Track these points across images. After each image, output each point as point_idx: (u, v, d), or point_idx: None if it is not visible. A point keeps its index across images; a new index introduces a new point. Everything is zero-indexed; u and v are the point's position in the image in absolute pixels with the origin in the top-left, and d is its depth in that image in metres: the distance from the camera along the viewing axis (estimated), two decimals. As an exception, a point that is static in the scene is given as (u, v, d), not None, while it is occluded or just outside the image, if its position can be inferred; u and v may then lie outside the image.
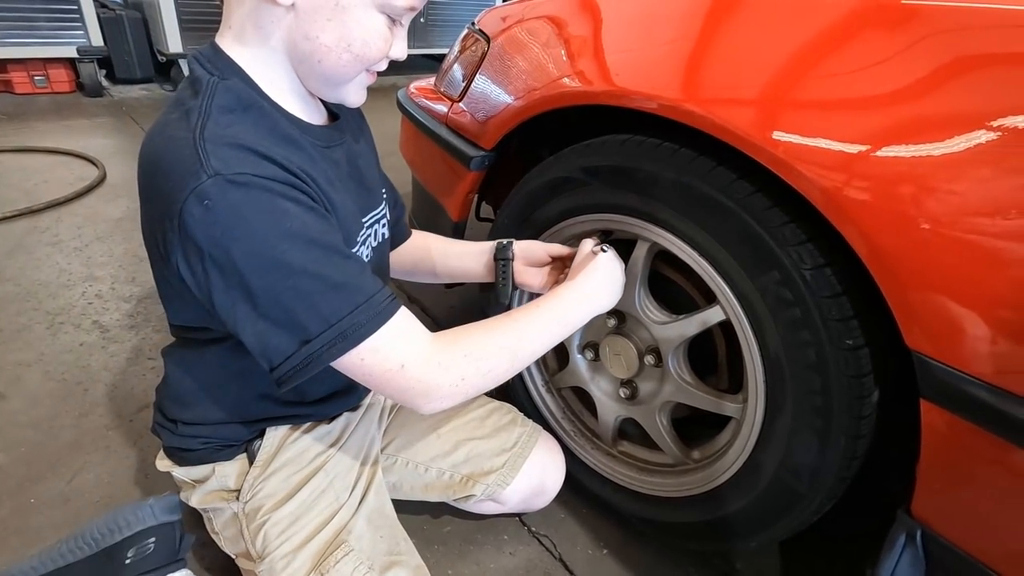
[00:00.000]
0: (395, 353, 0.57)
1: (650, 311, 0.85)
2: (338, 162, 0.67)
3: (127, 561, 0.77)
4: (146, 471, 1.05)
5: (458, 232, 1.11)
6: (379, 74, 0.65)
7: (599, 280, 0.77)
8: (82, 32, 3.09)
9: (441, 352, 0.60)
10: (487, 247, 0.88)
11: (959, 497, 0.58)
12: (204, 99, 0.55)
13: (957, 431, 0.55)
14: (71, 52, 3.09)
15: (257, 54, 0.59)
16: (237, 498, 0.73)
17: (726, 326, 0.78)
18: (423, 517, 1.00)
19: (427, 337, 0.60)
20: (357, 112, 0.78)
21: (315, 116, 0.66)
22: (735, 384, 0.88)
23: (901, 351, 0.58)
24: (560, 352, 1.04)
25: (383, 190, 0.81)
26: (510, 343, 0.66)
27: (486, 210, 1.39)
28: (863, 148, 0.56)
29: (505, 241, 0.86)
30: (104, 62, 3.36)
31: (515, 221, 0.97)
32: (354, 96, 0.64)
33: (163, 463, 0.78)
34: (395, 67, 0.77)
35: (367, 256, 0.72)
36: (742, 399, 0.80)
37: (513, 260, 0.85)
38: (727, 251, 0.71)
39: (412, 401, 0.60)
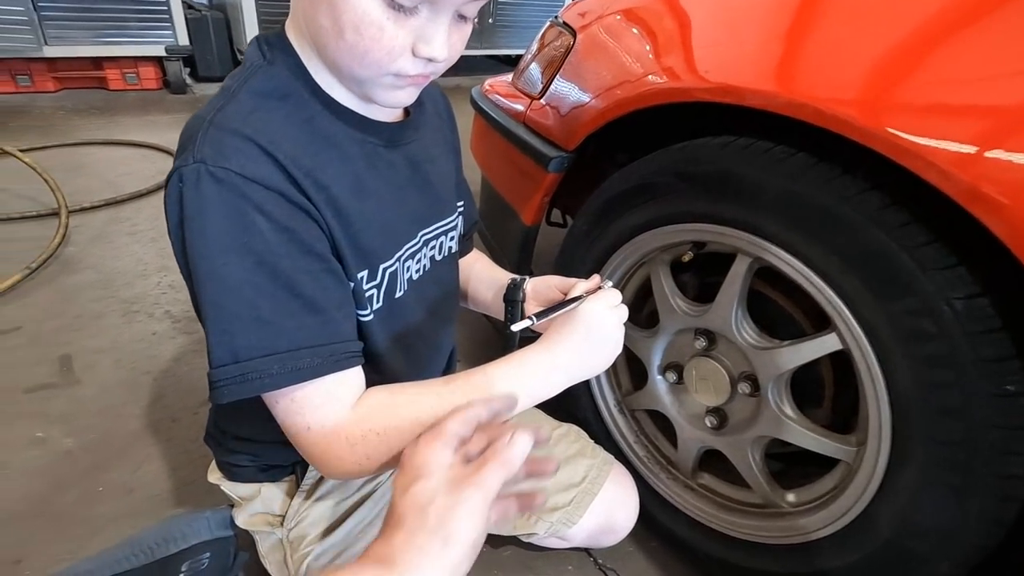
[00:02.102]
0: (305, 413, 0.52)
1: (749, 334, 0.76)
2: (395, 164, 0.60)
3: (180, 574, 0.75)
4: (206, 468, 1.04)
5: (529, 238, 1.06)
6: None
7: (577, 343, 0.59)
8: (170, 32, 3.24)
9: (353, 426, 0.53)
10: (502, 282, 0.79)
11: None
12: (239, 81, 0.52)
13: None
14: (160, 51, 3.25)
15: (300, 39, 0.54)
16: (282, 524, 0.69)
17: (838, 356, 0.69)
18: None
19: (349, 404, 0.53)
20: (444, 111, 0.73)
21: (382, 111, 0.58)
22: (841, 421, 0.78)
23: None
24: (636, 370, 0.96)
25: (459, 202, 0.74)
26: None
27: (556, 215, 1.33)
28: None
29: (518, 279, 0.76)
30: (188, 60, 3.52)
31: (593, 228, 0.90)
32: (385, 97, 0.53)
33: (213, 475, 0.75)
34: (457, 68, 0.63)
35: (418, 271, 0.66)
36: (856, 441, 0.70)
37: (524, 301, 0.72)
38: (851, 272, 0.61)
39: (311, 462, 0.55)
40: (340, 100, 0.55)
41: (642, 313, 0.96)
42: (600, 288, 0.64)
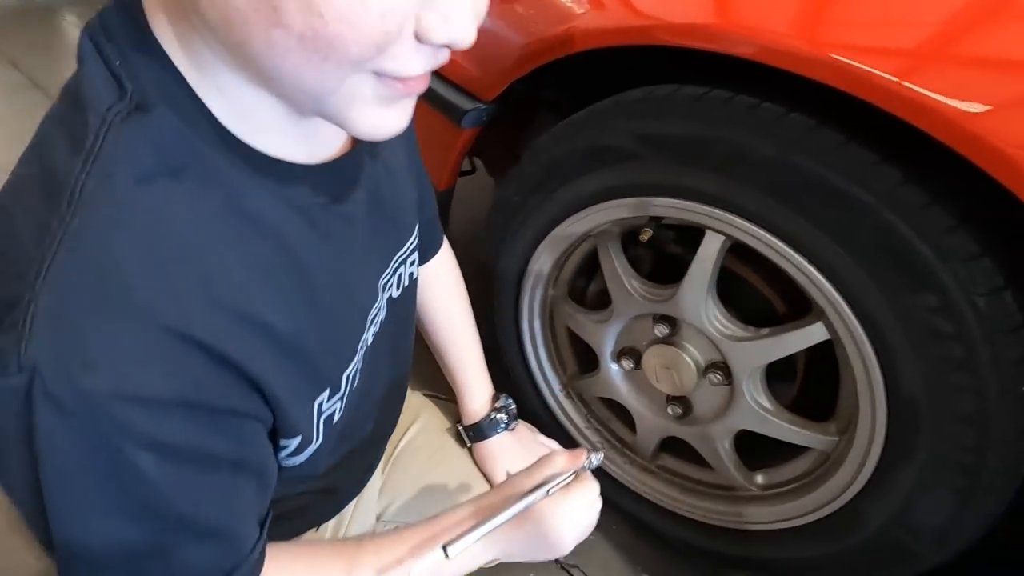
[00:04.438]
0: None
1: (720, 323, 0.66)
2: (353, 215, 0.40)
3: None
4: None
5: (443, 204, 0.87)
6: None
7: (525, 539, 0.48)
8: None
9: None
10: (473, 389, 0.67)
11: None
12: (91, 159, 0.28)
13: None
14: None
15: (181, 31, 0.29)
16: None
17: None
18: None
19: None
20: None
21: (316, 141, 0.36)
22: (812, 404, 0.72)
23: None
24: (585, 354, 0.85)
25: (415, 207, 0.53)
26: None
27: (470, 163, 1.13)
28: None
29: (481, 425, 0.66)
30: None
31: (528, 199, 0.74)
32: (366, 121, 0.30)
33: None
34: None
35: (375, 330, 0.47)
36: (835, 430, 0.64)
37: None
38: (856, 261, 0.51)
39: None
40: (262, 148, 0.32)
41: (588, 291, 0.83)
42: (569, 475, 0.48)
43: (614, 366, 0.80)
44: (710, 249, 0.63)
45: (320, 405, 0.39)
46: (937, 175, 0.47)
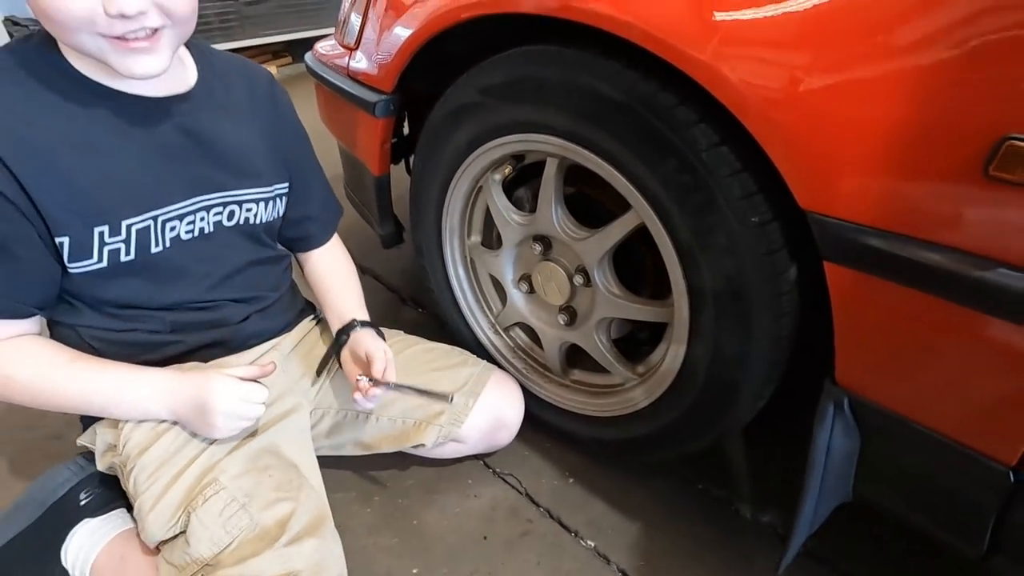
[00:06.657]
0: None
1: (569, 229, 0.83)
2: (155, 132, 0.66)
3: (80, 504, 0.79)
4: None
5: (382, 187, 1.08)
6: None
7: (190, 407, 0.69)
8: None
9: None
10: (343, 318, 0.89)
11: (877, 356, 0.57)
12: None
13: (863, 288, 0.54)
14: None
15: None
16: (117, 452, 0.73)
17: (647, 231, 0.77)
18: (384, 475, 0.99)
19: None
20: (262, 94, 0.78)
21: (142, 85, 0.64)
22: (666, 289, 0.87)
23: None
24: (502, 290, 1.03)
25: (281, 182, 0.80)
26: (45, 385, 0.66)
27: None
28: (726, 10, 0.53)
29: (350, 326, 0.86)
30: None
31: (427, 164, 0.94)
32: (121, 64, 0.56)
33: (81, 438, 0.79)
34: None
35: (189, 232, 0.71)
36: (671, 303, 0.78)
37: (344, 345, 0.85)
38: (626, 148, 0.68)
39: None
40: (96, 78, 0.61)
41: (492, 235, 1.01)
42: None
43: (516, 292, 0.97)
44: (550, 171, 0.81)
45: (103, 235, 0.64)
46: (659, 72, 0.64)
